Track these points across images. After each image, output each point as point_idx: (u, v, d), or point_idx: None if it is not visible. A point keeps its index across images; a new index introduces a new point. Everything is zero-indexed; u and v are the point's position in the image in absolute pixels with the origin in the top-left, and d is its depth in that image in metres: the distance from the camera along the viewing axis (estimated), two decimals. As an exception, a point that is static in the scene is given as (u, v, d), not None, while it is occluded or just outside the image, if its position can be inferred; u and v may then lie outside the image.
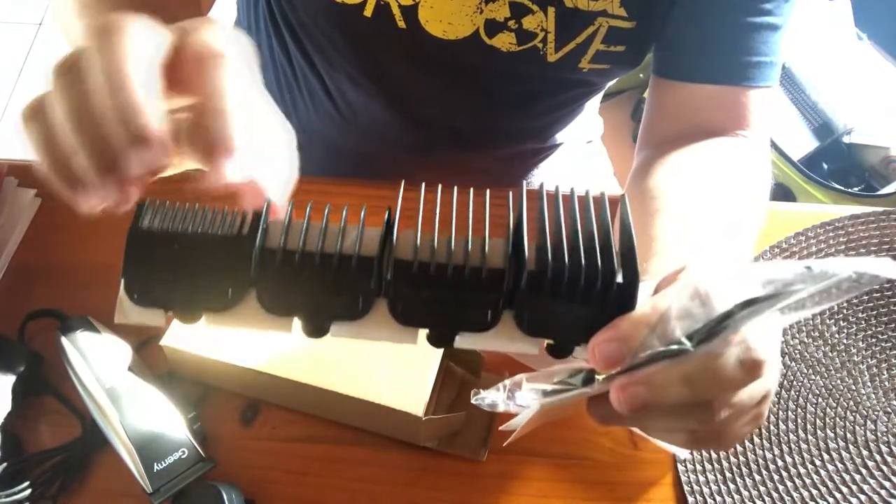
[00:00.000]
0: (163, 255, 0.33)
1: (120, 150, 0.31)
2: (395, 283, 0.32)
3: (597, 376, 0.36)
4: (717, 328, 0.33)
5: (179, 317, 0.33)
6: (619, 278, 0.32)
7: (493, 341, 0.33)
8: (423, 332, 0.33)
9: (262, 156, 0.36)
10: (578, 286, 0.32)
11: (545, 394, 0.38)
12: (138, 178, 0.32)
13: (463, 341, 0.33)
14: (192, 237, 0.33)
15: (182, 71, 0.34)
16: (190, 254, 0.33)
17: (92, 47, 0.32)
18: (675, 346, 0.33)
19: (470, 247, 0.32)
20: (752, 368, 0.35)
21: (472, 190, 0.35)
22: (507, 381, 0.39)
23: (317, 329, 0.33)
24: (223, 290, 0.32)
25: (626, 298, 0.33)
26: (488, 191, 0.35)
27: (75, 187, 0.33)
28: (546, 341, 0.34)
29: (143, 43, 0.33)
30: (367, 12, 0.63)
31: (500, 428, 0.42)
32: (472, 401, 0.40)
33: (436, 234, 0.33)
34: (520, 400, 0.39)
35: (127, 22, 0.33)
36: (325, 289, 0.32)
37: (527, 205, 0.33)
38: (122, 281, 0.33)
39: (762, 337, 0.35)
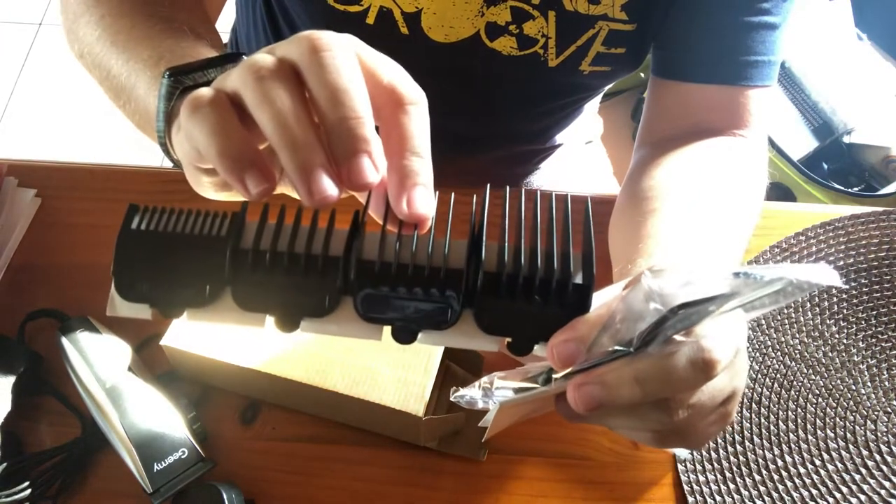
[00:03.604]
0: (148, 255, 0.35)
1: (339, 158, 0.32)
2: (358, 283, 0.34)
3: (553, 375, 0.37)
4: (656, 331, 0.34)
5: (163, 312, 0.35)
6: (578, 280, 0.33)
7: (454, 339, 0.35)
8: (387, 329, 0.35)
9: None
10: (534, 288, 0.33)
11: (515, 391, 0.39)
12: (342, 186, 0.33)
13: (425, 338, 0.35)
14: (176, 238, 0.35)
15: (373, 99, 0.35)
16: (173, 253, 0.35)
17: (305, 60, 0.33)
18: (619, 348, 0.34)
19: (431, 248, 0.34)
20: (704, 369, 0.35)
21: (437, 192, 0.36)
22: (484, 379, 0.40)
23: (287, 325, 0.35)
24: (202, 288, 0.34)
25: (581, 300, 0.34)
26: (453, 194, 0.36)
27: (259, 178, 0.33)
28: (506, 339, 0.35)
29: (354, 62, 0.34)
30: (370, 20, 0.63)
31: (479, 424, 0.43)
32: (452, 398, 0.41)
33: (399, 236, 0.34)
34: (496, 397, 0.39)
35: (338, 39, 0.34)
36: (295, 287, 0.34)
37: (489, 206, 0.34)
38: (113, 278, 0.35)
39: (718, 337, 0.35)
